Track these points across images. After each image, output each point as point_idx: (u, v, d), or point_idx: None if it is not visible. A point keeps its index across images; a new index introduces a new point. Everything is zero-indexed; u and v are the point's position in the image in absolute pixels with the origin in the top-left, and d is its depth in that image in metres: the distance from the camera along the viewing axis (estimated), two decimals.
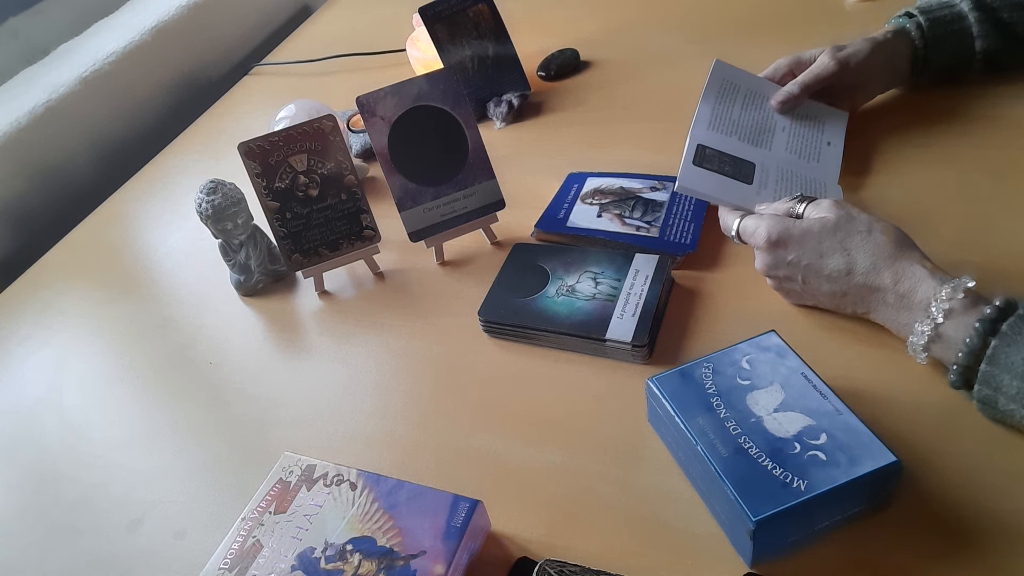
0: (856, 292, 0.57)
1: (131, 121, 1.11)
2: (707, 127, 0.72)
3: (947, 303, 0.51)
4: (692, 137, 0.70)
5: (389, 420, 0.63)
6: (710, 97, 0.74)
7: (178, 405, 0.69)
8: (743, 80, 0.77)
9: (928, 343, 0.52)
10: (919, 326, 0.52)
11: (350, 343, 0.70)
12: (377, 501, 0.51)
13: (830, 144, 0.74)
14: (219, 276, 0.80)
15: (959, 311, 0.50)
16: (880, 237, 0.56)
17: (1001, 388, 0.48)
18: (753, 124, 0.74)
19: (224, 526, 0.55)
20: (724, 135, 0.72)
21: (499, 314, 0.66)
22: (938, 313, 0.51)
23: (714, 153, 0.70)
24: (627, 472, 0.54)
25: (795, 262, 0.58)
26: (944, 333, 0.51)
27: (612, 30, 1.09)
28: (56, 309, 0.83)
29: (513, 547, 0.52)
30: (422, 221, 0.74)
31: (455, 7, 0.95)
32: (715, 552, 0.49)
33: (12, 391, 0.75)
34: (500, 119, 0.94)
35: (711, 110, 0.73)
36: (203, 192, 0.73)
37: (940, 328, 0.51)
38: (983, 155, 0.72)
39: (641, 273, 0.66)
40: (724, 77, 0.76)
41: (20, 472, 0.66)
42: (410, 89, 0.72)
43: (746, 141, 0.72)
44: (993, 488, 0.48)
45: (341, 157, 0.73)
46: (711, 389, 0.52)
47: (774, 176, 0.70)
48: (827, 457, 0.46)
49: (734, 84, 0.76)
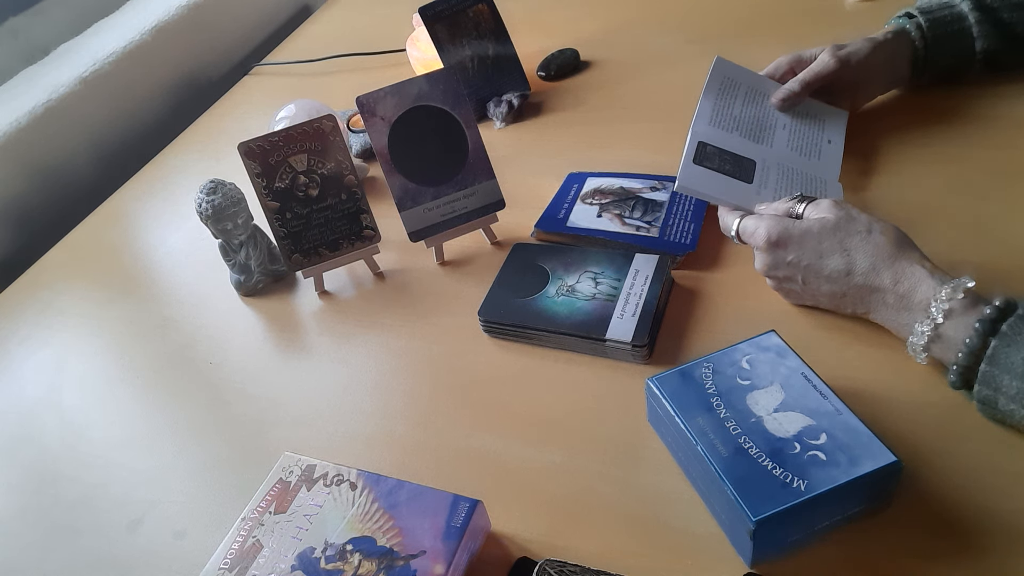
0: (856, 292, 0.57)
1: (131, 121, 1.11)
2: (708, 123, 0.72)
3: (947, 303, 0.51)
4: (693, 134, 0.70)
5: (389, 420, 0.63)
6: (711, 94, 0.74)
7: (178, 405, 0.69)
8: (744, 77, 0.77)
9: (928, 343, 0.52)
10: (919, 326, 0.52)
11: (350, 343, 0.70)
12: (377, 501, 0.51)
13: (831, 142, 0.74)
14: (219, 276, 0.80)
15: (959, 311, 0.50)
16: (880, 238, 0.56)
17: (1001, 388, 0.48)
18: (754, 121, 0.74)
19: (224, 526, 0.55)
20: (725, 132, 0.72)
21: (499, 314, 0.66)
22: (938, 313, 0.51)
23: (715, 151, 0.70)
24: (627, 472, 0.54)
25: (795, 262, 0.58)
26: (944, 333, 0.51)
27: (612, 30, 1.09)
28: (56, 309, 0.83)
29: (513, 547, 0.52)
30: (422, 221, 0.74)
31: (455, 7, 0.95)
32: (715, 552, 0.49)
33: (12, 391, 0.75)
34: (500, 119, 0.94)
35: (712, 107, 0.73)
36: (203, 192, 0.73)
37: (940, 328, 0.51)
38: (983, 155, 0.72)
39: (641, 273, 0.66)
40: (725, 74, 0.76)
41: (20, 472, 0.66)
42: (410, 89, 0.72)
43: (747, 138, 0.72)
44: (993, 488, 0.48)
45: (341, 157, 0.73)
46: (711, 389, 0.52)
47: (775, 173, 0.70)
48: (827, 457, 0.46)
49: (735, 81, 0.76)
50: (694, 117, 0.72)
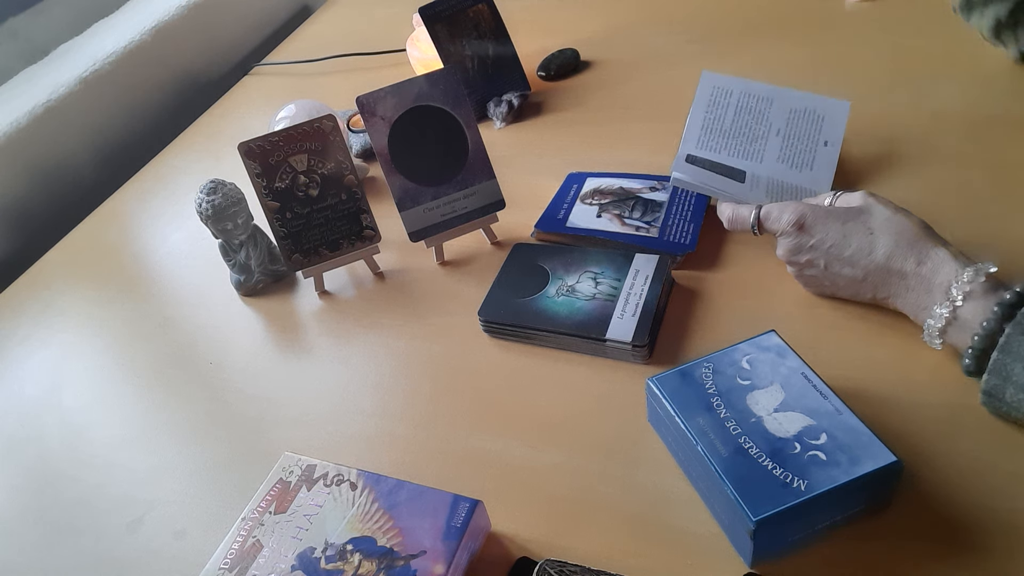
0: (877, 275, 0.57)
1: (131, 121, 1.11)
2: (696, 144, 0.72)
3: (968, 286, 0.51)
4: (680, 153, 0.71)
5: (389, 420, 0.63)
6: (699, 110, 0.74)
7: (178, 405, 0.69)
8: (735, 85, 0.76)
9: (945, 326, 0.52)
10: (938, 308, 0.52)
11: (350, 343, 0.70)
12: (377, 501, 0.51)
13: (827, 144, 0.73)
14: (219, 276, 0.80)
15: (979, 294, 0.51)
16: (904, 221, 0.56)
17: (1011, 377, 0.48)
18: (746, 131, 0.74)
19: (224, 526, 0.55)
20: (713, 152, 0.72)
21: (499, 314, 0.66)
22: (958, 294, 0.51)
23: (704, 162, 0.71)
24: (627, 472, 0.54)
25: (818, 245, 0.59)
26: (962, 316, 0.51)
27: (612, 30, 1.09)
28: (56, 309, 0.83)
29: (513, 547, 0.52)
30: (422, 221, 0.74)
31: (455, 7, 0.95)
32: (715, 552, 0.49)
33: (12, 391, 0.75)
34: (500, 119, 0.94)
35: (701, 124, 0.74)
36: (203, 192, 0.73)
37: (958, 311, 0.51)
38: (984, 155, 0.72)
39: (641, 273, 0.66)
40: (714, 85, 0.76)
41: (20, 472, 0.66)
42: (410, 89, 0.72)
43: (736, 155, 0.72)
44: (993, 488, 0.48)
45: (341, 157, 0.73)
46: (711, 389, 0.52)
47: (764, 187, 0.70)
48: (827, 457, 0.46)
49: (726, 90, 0.76)
50: (682, 137, 0.72)
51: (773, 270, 0.66)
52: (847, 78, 0.87)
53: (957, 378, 0.54)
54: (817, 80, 0.86)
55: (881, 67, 0.88)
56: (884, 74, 0.87)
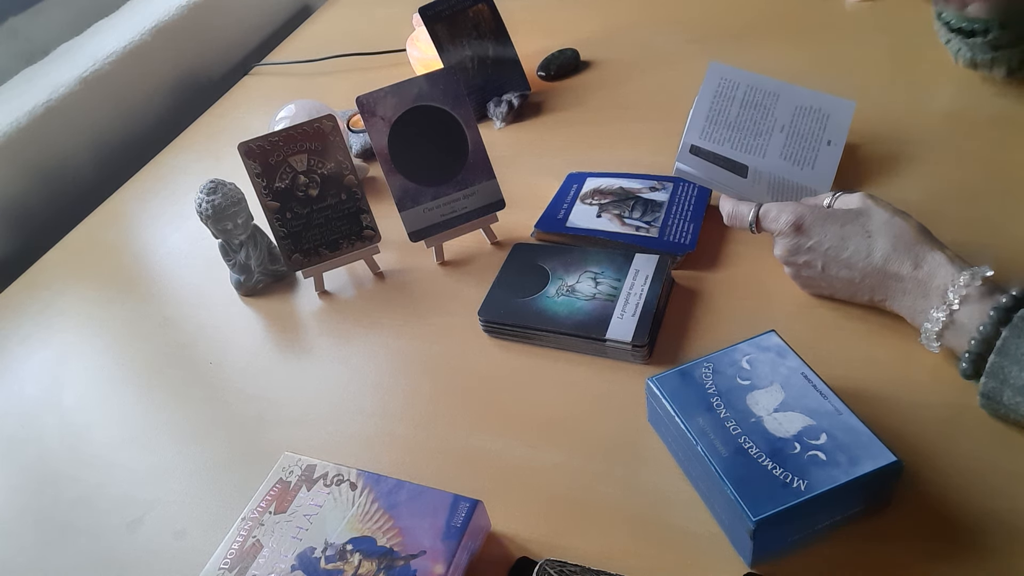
0: (874, 277, 0.57)
1: (131, 121, 1.11)
2: (699, 135, 0.72)
3: (964, 289, 0.51)
4: (684, 143, 0.71)
5: (389, 420, 0.63)
6: (705, 101, 0.74)
7: (178, 405, 0.69)
8: (742, 77, 0.76)
9: (942, 330, 0.52)
10: (935, 312, 0.53)
11: (350, 343, 0.70)
12: (377, 501, 0.51)
13: (830, 143, 0.73)
14: (219, 276, 0.80)
15: (975, 298, 0.51)
16: (902, 223, 0.56)
17: (1008, 380, 0.48)
18: (750, 125, 0.74)
19: (224, 526, 0.55)
20: (716, 143, 0.72)
21: (499, 314, 0.66)
22: (954, 298, 0.51)
23: (708, 153, 0.70)
24: (627, 472, 0.54)
25: (815, 247, 0.59)
26: (958, 320, 0.51)
27: (612, 30, 1.09)
28: (56, 309, 0.83)
29: (513, 547, 0.52)
30: (422, 221, 0.74)
31: (455, 7, 0.95)
32: (715, 552, 0.49)
33: (12, 391, 0.75)
34: (500, 119, 0.94)
35: (705, 115, 0.73)
36: (203, 192, 0.73)
37: (955, 314, 0.51)
38: (984, 155, 0.72)
39: (641, 273, 0.66)
40: (722, 76, 0.76)
41: (20, 472, 0.66)
42: (410, 89, 0.72)
43: (739, 149, 0.72)
44: (993, 488, 0.48)
45: (341, 157, 0.73)
46: (711, 389, 0.52)
47: (765, 184, 0.70)
48: (827, 457, 0.46)
49: (733, 82, 0.76)
50: (686, 126, 0.72)
51: (773, 270, 0.66)
52: (847, 78, 0.87)
53: (957, 378, 0.53)
54: (817, 80, 0.86)
55: (881, 67, 0.88)
56: (884, 74, 0.87)
